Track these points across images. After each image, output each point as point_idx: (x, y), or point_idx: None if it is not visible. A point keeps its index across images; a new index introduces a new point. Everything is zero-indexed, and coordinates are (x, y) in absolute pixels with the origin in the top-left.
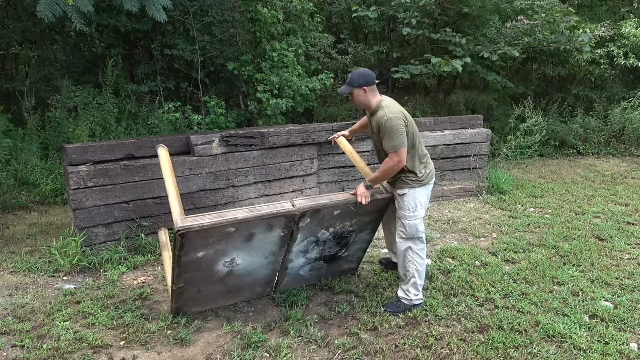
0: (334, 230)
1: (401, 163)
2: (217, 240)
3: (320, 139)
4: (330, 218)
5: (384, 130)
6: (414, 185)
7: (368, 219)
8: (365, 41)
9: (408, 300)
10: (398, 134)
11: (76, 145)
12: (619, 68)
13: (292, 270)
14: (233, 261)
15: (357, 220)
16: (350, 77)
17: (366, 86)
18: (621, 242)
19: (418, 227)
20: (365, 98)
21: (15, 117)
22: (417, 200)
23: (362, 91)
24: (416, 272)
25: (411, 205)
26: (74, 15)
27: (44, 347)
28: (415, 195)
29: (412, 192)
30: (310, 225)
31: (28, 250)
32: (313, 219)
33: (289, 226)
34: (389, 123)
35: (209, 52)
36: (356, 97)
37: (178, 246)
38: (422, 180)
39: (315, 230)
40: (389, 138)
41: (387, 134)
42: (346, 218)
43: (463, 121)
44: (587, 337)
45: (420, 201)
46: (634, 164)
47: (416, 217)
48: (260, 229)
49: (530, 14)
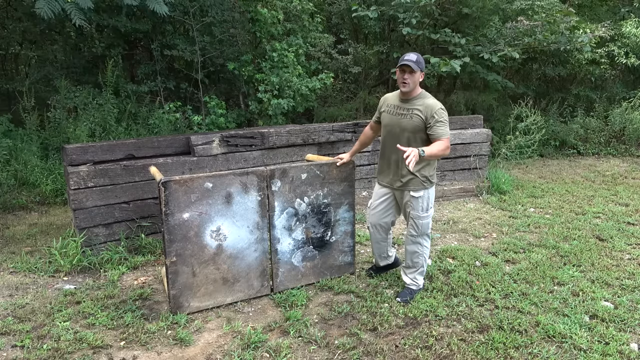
0: (309, 200)
1: (448, 149)
2: (198, 198)
3: (320, 139)
4: (300, 183)
5: (439, 116)
6: (428, 186)
7: (339, 189)
8: (365, 41)
9: (416, 285)
10: (447, 122)
11: (76, 145)
12: (619, 68)
13: (283, 255)
14: (219, 231)
15: (328, 189)
16: (417, 58)
17: (422, 72)
18: (621, 242)
19: (429, 225)
20: (418, 82)
21: (15, 117)
22: (430, 200)
23: (421, 75)
24: (424, 261)
25: (424, 205)
26: (73, 12)
27: (44, 347)
28: (429, 195)
29: (426, 192)
30: (283, 191)
31: (28, 250)
32: (283, 182)
33: (261, 187)
34: (444, 111)
35: (209, 52)
36: (416, 79)
37: (163, 201)
38: (434, 180)
39: (289, 198)
40: (444, 125)
41: (442, 120)
42: (316, 185)
43: (463, 121)
44: (587, 337)
45: (431, 200)
46: (634, 164)
47: (429, 216)
48: (235, 188)
49: (530, 14)
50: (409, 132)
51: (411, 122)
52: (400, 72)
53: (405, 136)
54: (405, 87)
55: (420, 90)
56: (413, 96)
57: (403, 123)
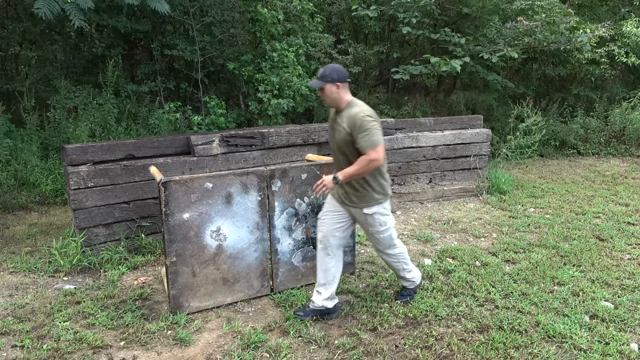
0: (309, 200)
1: (379, 160)
2: (198, 199)
3: (320, 139)
4: (300, 183)
5: (361, 126)
6: (381, 200)
7: None
8: (365, 41)
9: (411, 282)
10: (377, 130)
11: (76, 145)
12: (619, 68)
13: (283, 255)
14: (220, 231)
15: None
16: (323, 71)
17: (339, 82)
18: (621, 242)
19: (392, 236)
20: (337, 95)
21: (15, 117)
22: (385, 213)
23: (334, 87)
24: (404, 264)
25: (381, 220)
26: (73, 12)
27: (43, 347)
28: (383, 210)
29: (379, 207)
30: (283, 191)
31: (28, 250)
32: (284, 182)
33: (262, 187)
34: (368, 119)
35: (209, 52)
36: (327, 93)
37: (163, 201)
38: (387, 192)
39: (290, 198)
40: (368, 134)
41: (363, 129)
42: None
43: (463, 121)
44: (587, 337)
45: (387, 212)
46: (634, 164)
47: (389, 229)
48: (236, 188)
49: (530, 14)
50: (342, 147)
51: (340, 136)
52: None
53: (341, 151)
54: (325, 103)
55: (348, 101)
56: (341, 109)
57: (336, 138)
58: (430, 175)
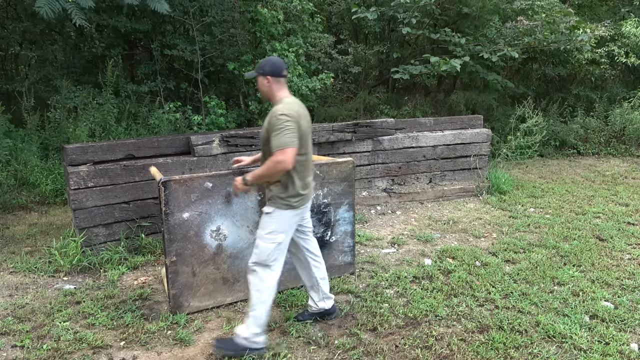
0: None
1: (286, 163)
2: (198, 198)
3: (320, 139)
4: None
5: (274, 125)
6: (281, 206)
7: (339, 189)
8: (365, 41)
9: (244, 337)
10: (289, 130)
11: (76, 145)
12: (619, 68)
13: None
14: (219, 231)
15: (328, 189)
16: (259, 63)
17: (270, 75)
18: (621, 242)
19: (270, 253)
20: (267, 88)
21: (15, 117)
22: (280, 224)
23: (265, 80)
24: (260, 303)
25: (271, 226)
26: (74, 11)
27: (43, 347)
28: (282, 218)
29: (278, 213)
30: None
31: (28, 250)
32: None
33: (262, 186)
34: (282, 117)
35: (209, 52)
36: (260, 85)
37: (163, 201)
38: (293, 202)
39: None
40: (278, 134)
41: (276, 128)
42: (316, 184)
43: (463, 121)
44: (587, 337)
45: (284, 226)
46: (634, 164)
47: (273, 241)
48: None
49: (530, 14)
50: (262, 144)
51: (261, 133)
52: None
53: (263, 149)
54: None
55: (280, 97)
56: (274, 104)
57: (262, 137)
58: (430, 175)
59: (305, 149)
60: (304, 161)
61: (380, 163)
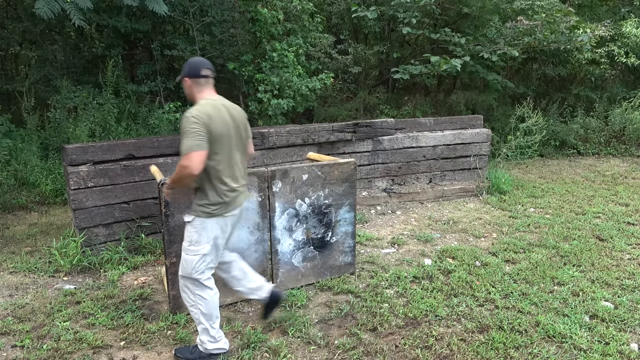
0: (310, 201)
1: (191, 169)
2: None
3: (320, 139)
4: (301, 184)
5: (182, 128)
6: (201, 214)
7: (340, 190)
8: (365, 41)
9: (203, 348)
10: (195, 133)
11: (76, 145)
12: (619, 68)
13: (283, 256)
14: None
15: (329, 190)
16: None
17: (188, 77)
18: (621, 242)
19: (195, 265)
20: (189, 90)
21: (15, 117)
22: (202, 234)
23: (185, 82)
24: (202, 315)
25: (192, 236)
26: (73, 12)
27: (44, 347)
28: (204, 226)
29: (198, 221)
30: (283, 192)
31: (28, 250)
32: (284, 183)
33: (262, 187)
34: (190, 120)
35: (209, 52)
36: (184, 87)
37: (163, 202)
38: (212, 210)
39: (290, 199)
40: (184, 137)
41: (183, 131)
42: (317, 185)
43: (463, 121)
44: (587, 337)
45: (208, 235)
46: (634, 164)
47: (196, 253)
48: None
49: (530, 14)
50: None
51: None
52: None
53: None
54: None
55: (199, 99)
56: None
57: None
58: (430, 175)
59: (220, 152)
60: (218, 165)
61: (380, 163)
